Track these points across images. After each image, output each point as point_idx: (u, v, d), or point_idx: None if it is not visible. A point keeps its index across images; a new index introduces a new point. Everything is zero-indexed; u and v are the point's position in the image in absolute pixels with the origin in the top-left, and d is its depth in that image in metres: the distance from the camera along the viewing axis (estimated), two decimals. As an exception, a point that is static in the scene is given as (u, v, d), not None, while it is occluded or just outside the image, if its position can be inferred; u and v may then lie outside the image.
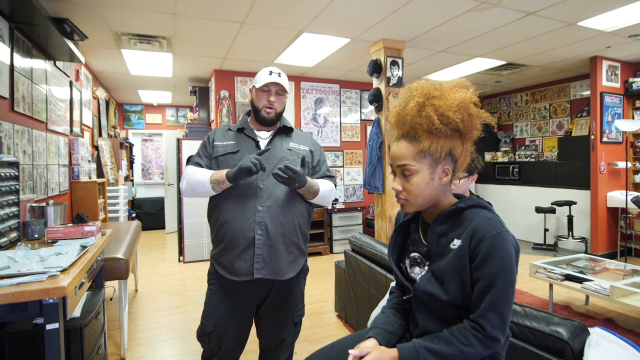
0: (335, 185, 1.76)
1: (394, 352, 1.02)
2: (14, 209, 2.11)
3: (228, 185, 1.52)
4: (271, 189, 1.54)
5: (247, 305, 1.60)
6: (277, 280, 1.56)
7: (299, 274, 1.64)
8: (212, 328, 1.56)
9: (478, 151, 1.74)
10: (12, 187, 2.10)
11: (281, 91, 1.63)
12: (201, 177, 1.54)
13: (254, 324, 1.71)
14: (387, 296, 1.31)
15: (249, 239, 1.50)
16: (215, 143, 1.65)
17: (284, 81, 1.63)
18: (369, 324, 1.39)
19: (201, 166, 1.63)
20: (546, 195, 5.73)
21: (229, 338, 1.58)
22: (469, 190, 1.80)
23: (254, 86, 1.66)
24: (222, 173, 1.50)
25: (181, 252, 5.13)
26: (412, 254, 1.15)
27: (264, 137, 1.66)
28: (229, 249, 1.53)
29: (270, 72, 1.61)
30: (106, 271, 2.38)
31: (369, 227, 5.99)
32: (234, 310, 1.58)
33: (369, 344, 1.08)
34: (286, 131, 1.70)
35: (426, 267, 1.10)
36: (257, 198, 1.52)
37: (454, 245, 1.01)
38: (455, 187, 1.70)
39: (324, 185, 1.64)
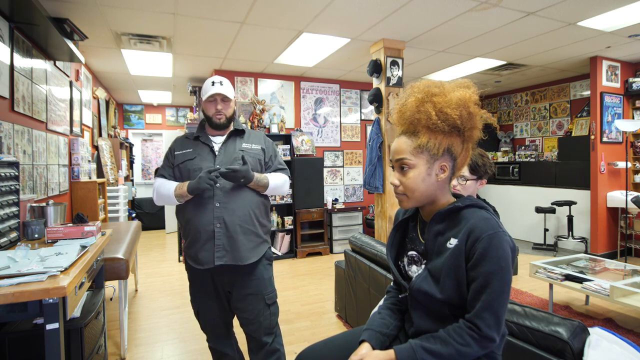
0: (290, 177, 1.96)
1: (390, 354, 1.02)
2: (14, 209, 2.11)
3: (190, 197, 1.73)
4: (226, 187, 1.73)
5: (216, 289, 1.81)
6: (239, 266, 1.74)
7: (261, 261, 1.81)
8: (198, 309, 1.86)
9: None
10: (12, 187, 2.10)
11: (226, 98, 1.81)
12: (167, 191, 1.76)
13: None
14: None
15: (209, 232, 1.70)
16: (175, 152, 1.84)
17: (227, 89, 1.80)
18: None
19: (165, 177, 1.83)
20: (546, 195, 5.73)
21: (210, 317, 1.86)
22: (477, 195, 1.80)
23: (202, 99, 1.83)
24: (184, 189, 1.71)
25: (181, 252, 5.13)
26: (410, 252, 1.16)
27: (218, 142, 1.85)
28: (193, 242, 1.74)
29: (213, 83, 1.79)
30: (106, 271, 2.37)
31: (369, 227, 5.99)
32: (208, 295, 1.82)
33: (363, 351, 1.09)
34: (238, 133, 1.88)
35: (423, 266, 1.10)
36: (215, 196, 1.72)
37: (450, 244, 1.02)
38: (463, 189, 1.70)
39: (274, 179, 1.85)
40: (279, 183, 1.87)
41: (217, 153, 1.81)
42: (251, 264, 1.76)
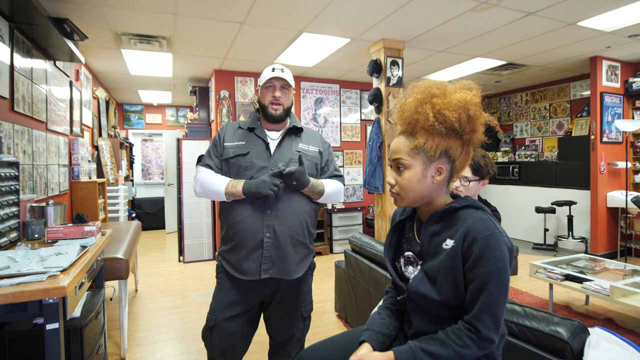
0: (344, 184, 1.76)
1: (389, 355, 1.02)
2: (14, 209, 2.11)
3: (242, 198, 1.54)
4: (280, 192, 1.53)
5: (251, 303, 1.62)
6: (287, 279, 1.58)
7: (306, 271, 1.66)
8: (214, 322, 1.58)
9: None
10: (12, 187, 2.10)
11: (286, 85, 1.64)
12: (216, 186, 1.56)
13: (261, 324, 1.73)
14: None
15: (257, 240, 1.52)
16: (225, 144, 1.64)
17: (288, 76, 1.63)
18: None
19: (211, 168, 1.63)
20: (546, 195, 5.73)
21: (230, 333, 1.58)
22: (478, 195, 1.80)
23: (259, 86, 1.67)
24: (239, 188, 1.52)
25: (181, 252, 5.13)
26: (406, 253, 1.15)
27: (274, 137, 1.66)
28: (237, 248, 1.55)
29: (273, 69, 1.62)
30: (106, 271, 2.38)
31: (369, 227, 5.99)
32: (237, 307, 1.60)
33: (362, 352, 1.09)
34: (296, 131, 1.70)
35: (419, 267, 1.10)
36: (266, 201, 1.54)
37: (446, 245, 1.01)
38: (465, 190, 1.70)
39: (329, 186, 1.66)
40: (333, 191, 1.67)
41: (272, 151, 1.61)
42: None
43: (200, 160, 1.69)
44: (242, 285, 1.58)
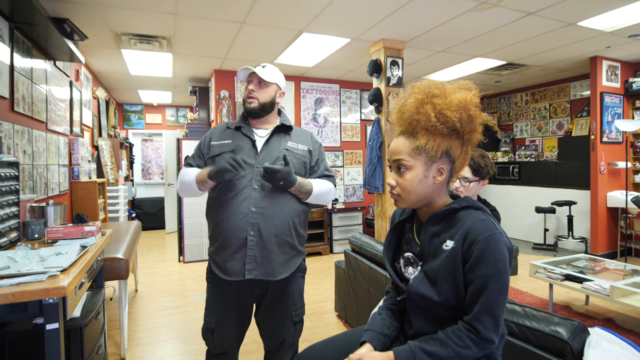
0: (335, 185, 1.75)
1: (389, 355, 1.02)
2: (14, 209, 2.11)
3: (212, 184, 1.53)
4: (265, 190, 1.53)
5: (243, 304, 1.62)
6: (272, 280, 1.56)
7: (295, 273, 1.63)
8: (214, 325, 1.59)
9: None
10: (12, 187, 2.10)
11: (262, 81, 1.62)
12: (189, 177, 1.57)
13: (255, 325, 1.72)
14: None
15: (241, 239, 1.50)
16: (212, 143, 1.64)
17: (266, 72, 1.61)
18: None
19: (193, 167, 1.64)
20: (546, 195, 5.73)
21: (229, 336, 1.61)
22: (477, 195, 1.80)
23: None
24: (205, 172, 1.51)
25: (181, 252, 5.13)
26: (406, 254, 1.15)
27: (261, 135, 1.65)
28: (222, 248, 1.54)
29: (255, 66, 1.64)
30: (106, 271, 2.38)
31: (369, 227, 5.99)
32: (231, 309, 1.60)
33: (362, 351, 1.09)
34: (285, 130, 1.68)
35: (419, 268, 1.09)
36: (251, 199, 1.51)
37: (446, 246, 1.01)
38: (465, 191, 1.70)
39: (319, 185, 1.63)
40: (323, 191, 1.64)
41: (259, 149, 1.59)
42: (283, 278, 1.57)
43: (185, 160, 1.72)
44: (230, 287, 1.57)
